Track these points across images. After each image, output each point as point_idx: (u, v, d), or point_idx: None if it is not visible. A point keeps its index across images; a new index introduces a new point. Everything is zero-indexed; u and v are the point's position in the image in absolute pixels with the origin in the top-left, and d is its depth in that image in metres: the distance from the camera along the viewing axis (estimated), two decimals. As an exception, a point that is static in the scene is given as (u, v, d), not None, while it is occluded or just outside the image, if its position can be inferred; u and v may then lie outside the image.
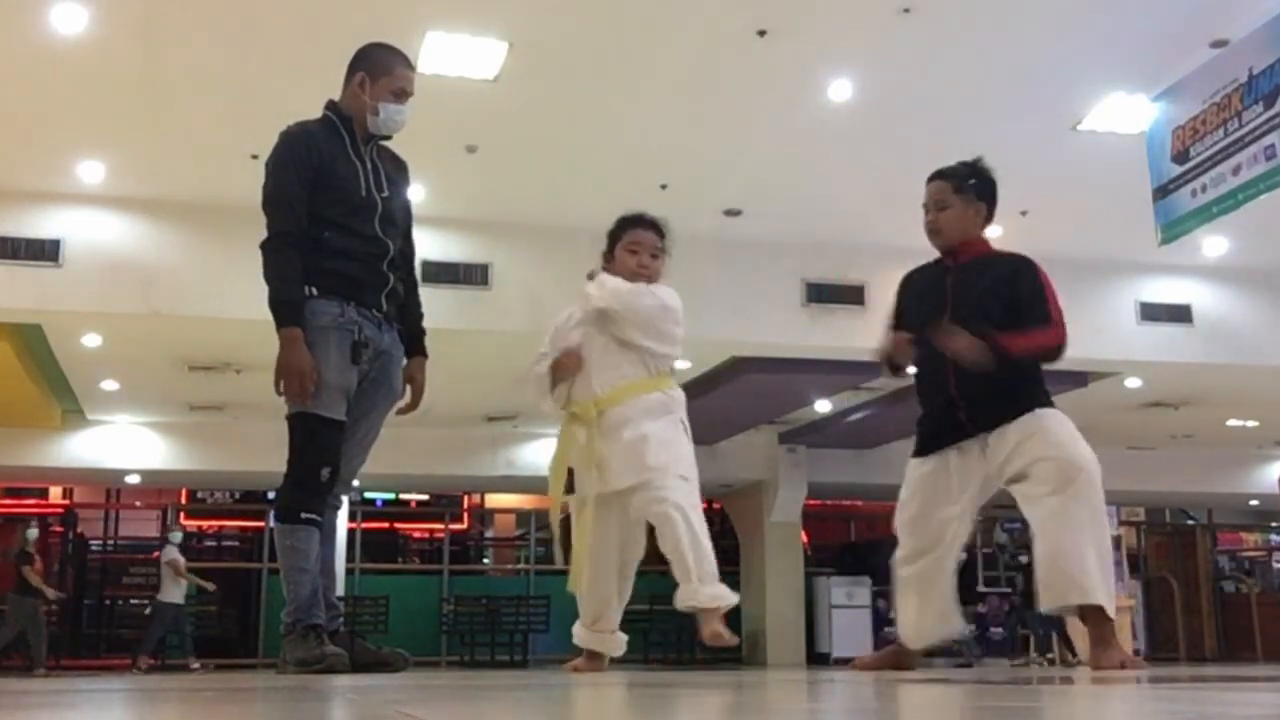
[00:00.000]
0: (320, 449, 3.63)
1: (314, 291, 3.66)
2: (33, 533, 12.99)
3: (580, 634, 4.05)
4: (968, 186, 3.90)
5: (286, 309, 3.62)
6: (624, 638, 4.09)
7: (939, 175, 3.96)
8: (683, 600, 3.73)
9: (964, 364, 3.65)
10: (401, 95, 3.78)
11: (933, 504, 3.80)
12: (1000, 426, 3.68)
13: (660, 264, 4.03)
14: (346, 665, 3.51)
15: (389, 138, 3.90)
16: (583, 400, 3.88)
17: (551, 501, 3.99)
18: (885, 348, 3.99)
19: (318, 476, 3.62)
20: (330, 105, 3.83)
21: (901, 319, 4.03)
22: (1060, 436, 3.62)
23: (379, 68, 3.80)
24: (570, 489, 3.95)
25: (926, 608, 3.87)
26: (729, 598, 3.75)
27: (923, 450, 3.89)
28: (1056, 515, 3.53)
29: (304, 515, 3.63)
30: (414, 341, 3.99)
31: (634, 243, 4.00)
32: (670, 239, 4.07)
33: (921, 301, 3.94)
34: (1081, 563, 3.49)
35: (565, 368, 3.93)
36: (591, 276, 4.04)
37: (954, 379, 3.75)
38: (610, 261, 4.04)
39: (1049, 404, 3.74)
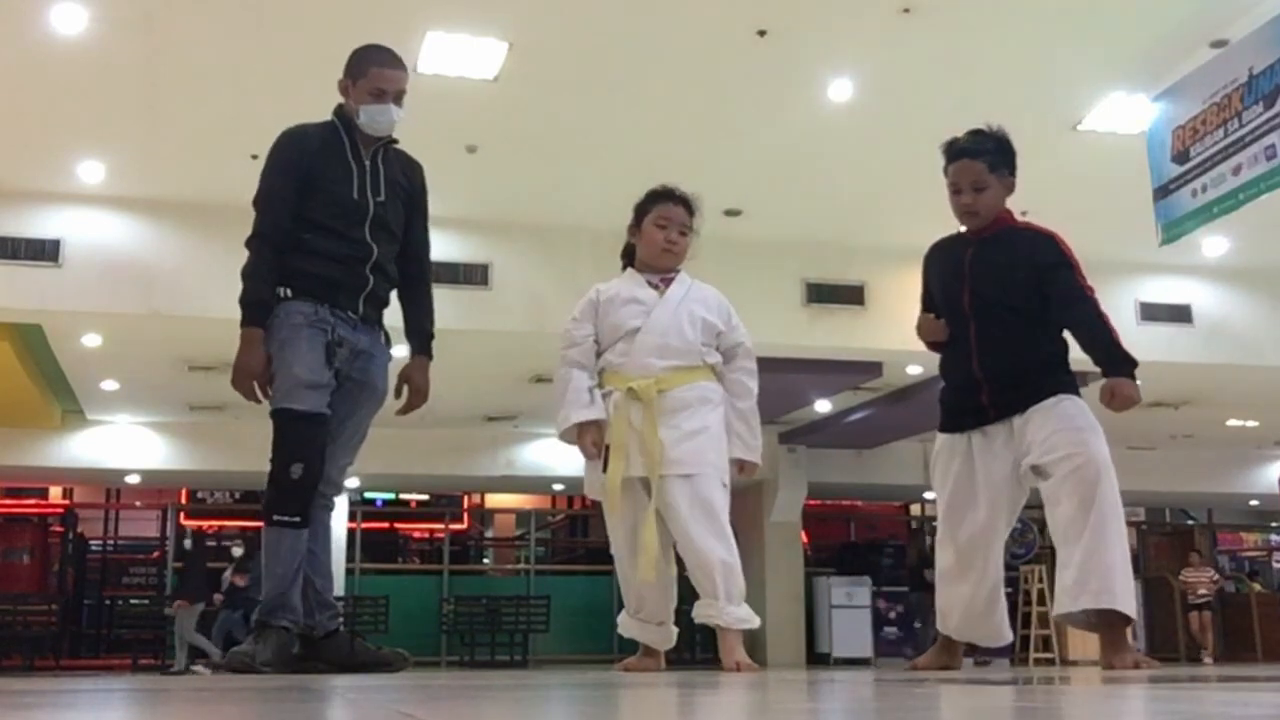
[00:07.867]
0: (289, 445, 3.61)
1: (288, 293, 3.67)
2: None
3: (624, 622, 3.88)
4: (1001, 164, 3.76)
5: (251, 309, 3.65)
6: (673, 631, 3.88)
7: (966, 154, 3.76)
8: (702, 614, 3.63)
9: (1125, 405, 3.51)
10: (381, 95, 3.74)
11: (965, 496, 3.71)
12: (1025, 411, 3.59)
13: (687, 242, 3.89)
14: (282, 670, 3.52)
15: (395, 141, 3.88)
16: (642, 378, 3.71)
17: (610, 481, 3.66)
18: (921, 329, 3.92)
19: (287, 473, 3.60)
20: (338, 108, 3.85)
21: (930, 298, 3.96)
22: (1085, 433, 3.52)
23: (357, 70, 3.79)
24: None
25: (966, 605, 3.75)
26: (754, 621, 3.63)
27: (948, 427, 3.82)
28: (1082, 519, 3.45)
29: (276, 518, 3.63)
30: (417, 340, 3.95)
31: (663, 217, 3.86)
32: (700, 217, 3.93)
33: (944, 278, 3.87)
34: (1110, 569, 3.42)
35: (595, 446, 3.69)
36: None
37: (976, 357, 3.70)
38: (636, 235, 3.91)
39: (1075, 390, 3.64)
